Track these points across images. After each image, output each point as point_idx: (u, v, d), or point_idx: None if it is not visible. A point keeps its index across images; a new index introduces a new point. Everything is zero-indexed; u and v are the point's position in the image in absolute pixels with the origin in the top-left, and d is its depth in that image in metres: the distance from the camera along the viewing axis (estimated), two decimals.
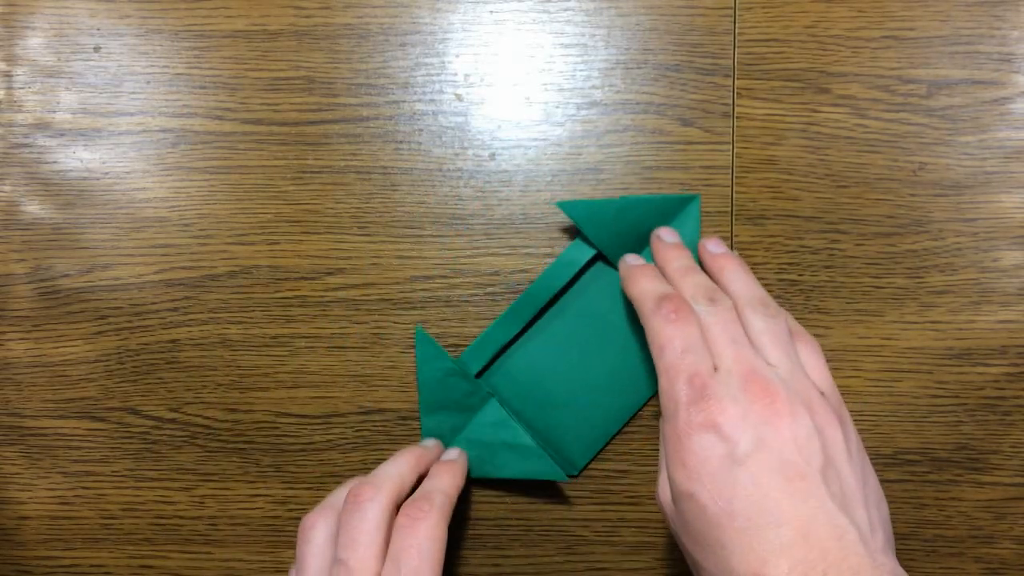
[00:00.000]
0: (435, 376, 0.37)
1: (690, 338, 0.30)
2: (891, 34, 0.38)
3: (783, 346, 0.31)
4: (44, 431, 0.39)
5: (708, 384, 0.29)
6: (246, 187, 0.39)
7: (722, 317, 0.31)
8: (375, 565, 0.30)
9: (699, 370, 0.29)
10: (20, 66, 0.39)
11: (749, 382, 0.29)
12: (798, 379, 0.30)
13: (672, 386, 0.30)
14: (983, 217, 0.38)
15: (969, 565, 0.38)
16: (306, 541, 0.32)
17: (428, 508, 0.32)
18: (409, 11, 0.39)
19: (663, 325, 0.31)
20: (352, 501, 0.32)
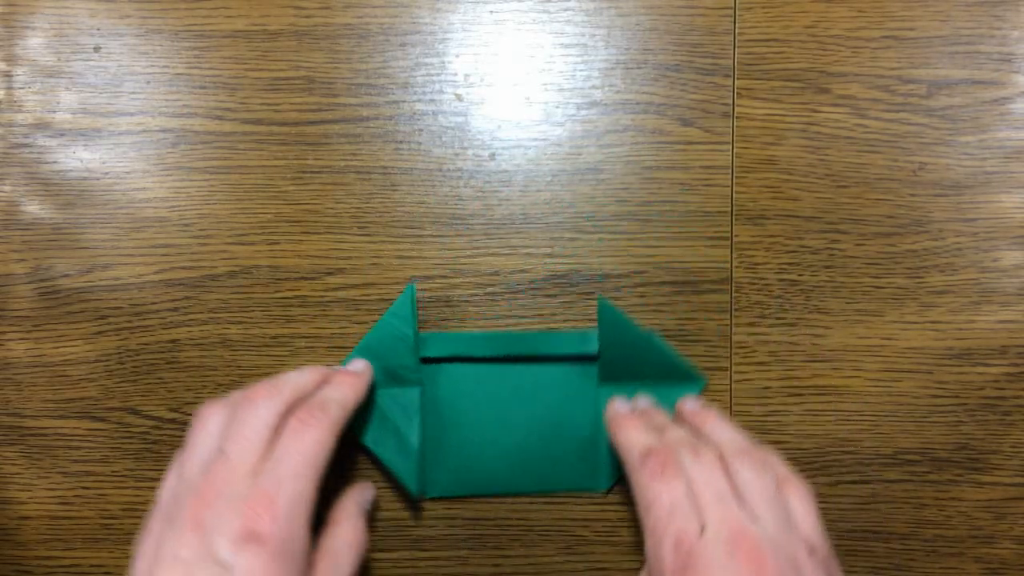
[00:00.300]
0: (390, 332, 0.37)
1: (676, 496, 0.30)
2: (891, 34, 0.38)
3: (770, 500, 0.30)
4: (44, 431, 0.39)
5: (694, 550, 0.28)
6: (246, 187, 0.39)
7: (706, 469, 0.31)
8: (253, 460, 0.30)
9: (685, 533, 0.29)
10: (20, 66, 0.39)
11: (736, 546, 0.28)
12: (785, 537, 0.29)
13: (658, 549, 0.29)
14: (983, 217, 0.38)
15: (969, 565, 0.38)
16: (197, 429, 0.32)
17: (320, 416, 0.32)
18: (409, 11, 0.39)
19: (649, 482, 0.31)
20: (247, 398, 0.32)
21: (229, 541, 0.28)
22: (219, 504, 0.29)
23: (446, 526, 0.39)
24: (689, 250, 0.38)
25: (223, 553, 0.28)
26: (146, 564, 0.29)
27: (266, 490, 0.29)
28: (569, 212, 0.38)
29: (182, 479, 0.31)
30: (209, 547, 0.28)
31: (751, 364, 0.38)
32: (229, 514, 0.28)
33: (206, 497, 0.29)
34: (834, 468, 0.38)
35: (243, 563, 0.28)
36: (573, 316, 0.38)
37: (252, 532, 0.28)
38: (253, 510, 0.28)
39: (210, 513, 0.29)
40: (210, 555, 0.28)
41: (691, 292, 0.38)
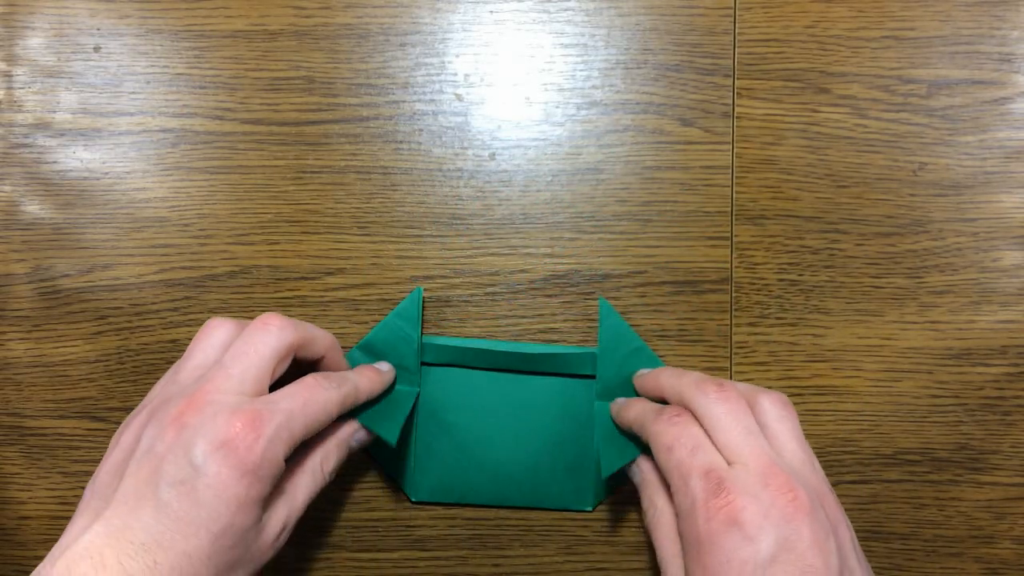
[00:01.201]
0: (394, 333, 0.37)
1: (698, 438, 0.30)
2: (891, 34, 0.38)
3: (798, 439, 0.30)
4: (44, 431, 0.39)
5: (725, 478, 0.28)
6: (246, 187, 0.39)
7: (733, 405, 0.30)
8: (253, 381, 0.30)
9: (714, 465, 0.29)
10: (20, 66, 0.39)
11: (769, 476, 0.28)
12: (812, 473, 0.30)
13: (686, 483, 0.29)
14: (983, 217, 0.38)
15: (969, 565, 0.38)
16: (202, 338, 0.32)
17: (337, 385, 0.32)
18: (409, 11, 0.39)
19: (667, 427, 0.31)
20: (262, 321, 0.32)
21: (206, 444, 0.28)
22: (207, 410, 0.29)
23: (446, 526, 0.39)
24: (689, 250, 0.38)
25: (197, 455, 0.28)
26: (120, 454, 0.29)
27: (259, 411, 0.29)
28: (569, 212, 0.38)
29: (175, 382, 0.31)
30: (186, 447, 0.28)
31: (751, 364, 0.38)
32: (214, 421, 0.28)
33: (196, 402, 0.29)
34: (834, 468, 0.38)
35: (213, 469, 0.28)
36: (573, 316, 0.38)
37: (230, 443, 0.28)
38: (240, 424, 0.28)
39: (196, 417, 0.29)
40: (184, 454, 0.28)
41: (691, 292, 0.38)
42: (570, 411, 0.38)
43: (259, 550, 0.30)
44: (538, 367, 0.38)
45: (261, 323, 0.31)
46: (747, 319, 0.38)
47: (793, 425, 0.31)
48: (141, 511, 0.27)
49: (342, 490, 0.39)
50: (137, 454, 0.29)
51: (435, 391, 0.38)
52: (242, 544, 0.29)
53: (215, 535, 0.28)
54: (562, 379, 0.38)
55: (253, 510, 0.29)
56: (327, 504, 0.39)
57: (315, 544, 0.39)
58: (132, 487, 0.28)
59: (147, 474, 0.28)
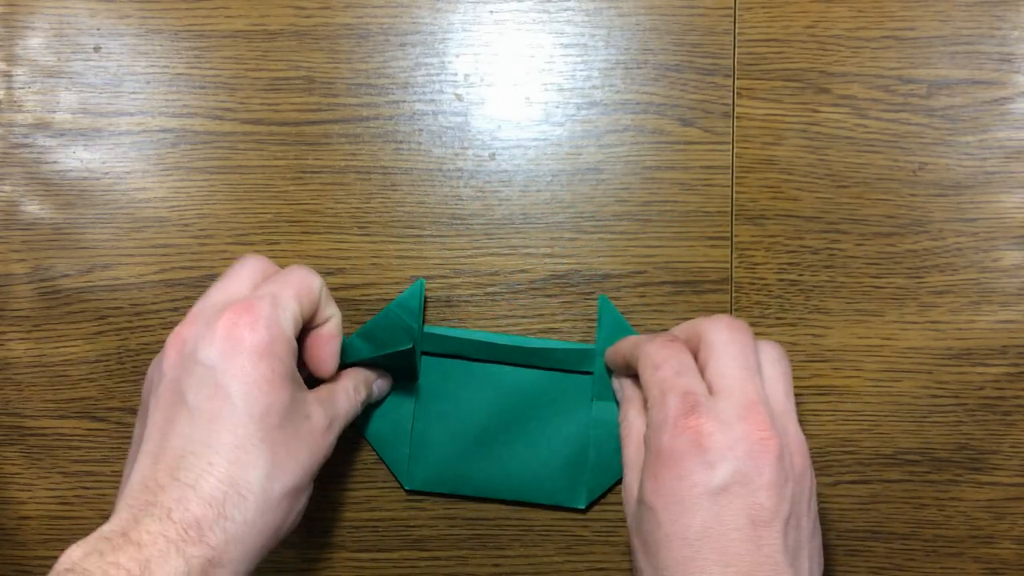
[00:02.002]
0: (394, 322, 0.37)
1: (686, 364, 0.30)
2: (891, 34, 0.38)
3: (787, 389, 0.31)
4: (44, 431, 0.39)
5: (701, 403, 0.29)
6: (246, 187, 0.39)
7: (740, 337, 0.31)
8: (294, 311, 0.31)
9: (694, 389, 0.29)
10: (20, 66, 0.39)
11: (749, 411, 0.28)
12: (792, 423, 0.30)
13: (664, 398, 0.29)
14: (983, 217, 0.38)
15: (969, 565, 0.38)
16: (242, 264, 0.32)
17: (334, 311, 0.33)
18: (409, 11, 0.39)
19: (659, 348, 0.31)
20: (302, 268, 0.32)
21: (209, 344, 0.28)
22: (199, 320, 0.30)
23: (446, 526, 0.39)
24: (689, 250, 0.38)
25: (207, 356, 0.28)
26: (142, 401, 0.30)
27: (247, 299, 0.30)
28: (569, 212, 0.38)
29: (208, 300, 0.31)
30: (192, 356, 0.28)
31: None
32: (208, 324, 0.29)
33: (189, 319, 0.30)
34: (834, 468, 0.38)
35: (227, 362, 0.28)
36: (573, 316, 0.38)
37: (232, 334, 0.29)
38: (232, 314, 0.29)
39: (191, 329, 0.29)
40: (194, 363, 0.28)
41: (691, 292, 0.38)
42: (567, 407, 0.38)
43: (312, 436, 0.30)
44: (536, 361, 0.38)
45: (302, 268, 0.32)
46: (747, 319, 0.38)
47: (785, 373, 0.31)
48: (177, 427, 0.28)
49: (342, 490, 0.39)
50: (151, 387, 0.29)
51: (434, 381, 0.38)
52: (290, 424, 0.29)
53: (258, 417, 0.28)
54: (560, 374, 0.38)
55: (285, 386, 0.29)
56: (327, 504, 0.39)
57: (315, 544, 0.39)
58: (160, 415, 0.28)
59: (169, 396, 0.28)
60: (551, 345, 0.37)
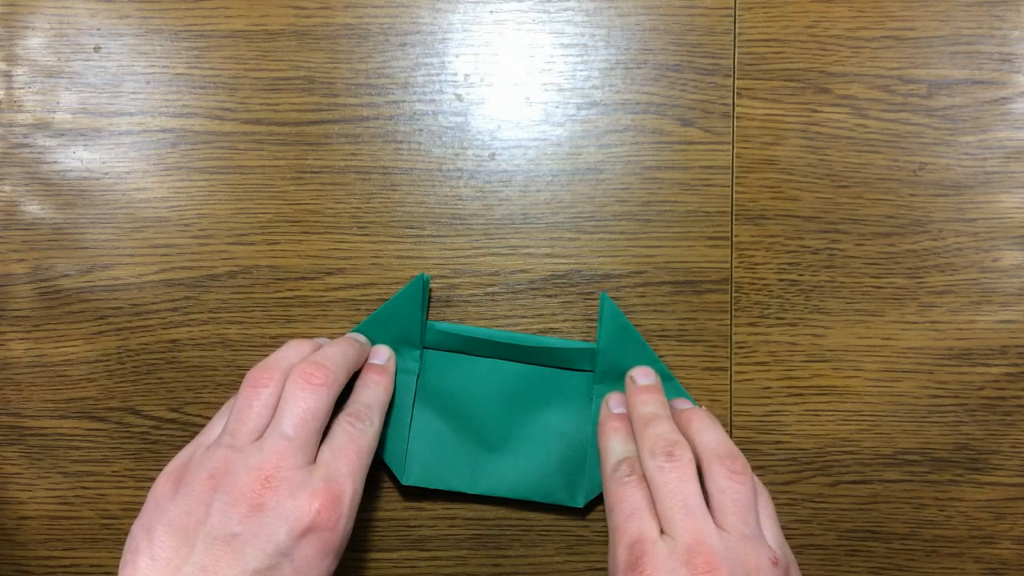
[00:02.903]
0: (396, 317, 0.37)
1: (636, 503, 0.31)
2: (891, 34, 0.38)
3: (742, 510, 0.30)
4: (44, 431, 0.39)
5: (647, 552, 0.29)
6: (246, 187, 0.39)
7: (677, 475, 0.31)
8: (311, 445, 0.31)
9: (641, 536, 0.29)
10: (20, 66, 0.39)
11: (694, 554, 0.28)
12: (752, 548, 0.29)
13: (615, 548, 0.30)
14: (983, 217, 0.38)
15: (969, 565, 0.38)
16: (253, 396, 0.32)
17: (367, 426, 0.33)
18: (409, 11, 0.39)
19: (615, 487, 0.32)
20: (306, 379, 0.32)
21: (291, 530, 0.29)
22: (282, 489, 0.29)
23: (446, 526, 0.39)
24: (689, 250, 0.38)
25: (283, 541, 0.29)
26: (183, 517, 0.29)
27: (333, 490, 0.30)
28: (569, 212, 0.38)
29: (234, 447, 0.31)
30: (270, 532, 0.29)
31: (751, 364, 0.38)
32: (294, 502, 0.29)
33: (270, 480, 0.29)
34: (834, 468, 0.38)
35: (299, 554, 0.29)
36: (573, 316, 0.38)
37: (315, 527, 0.29)
38: (319, 505, 0.29)
39: (273, 498, 0.29)
40: (270, 540, 0.29)
41: (691, 292, 0.38)
42: (567, 405, 0.38)
43: None
44: (537, 359, 0.38)
45: (306, 381, 0.32)
46: (747, 319, 0.38)
47: (737, 496, 0.31)
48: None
49: None
50: (209, 527, 0.29)
51: (435, 376, 0.38)
52: None
53: None
54: (560, 372, 0.38)
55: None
56: None
57: None
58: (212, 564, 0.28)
59: (228, 555, 0.28)
60: (551, 343, 0.37)
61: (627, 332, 0.37)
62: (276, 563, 0.28)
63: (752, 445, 0.38)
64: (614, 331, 0.37)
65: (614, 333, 0.37)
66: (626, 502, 0.31)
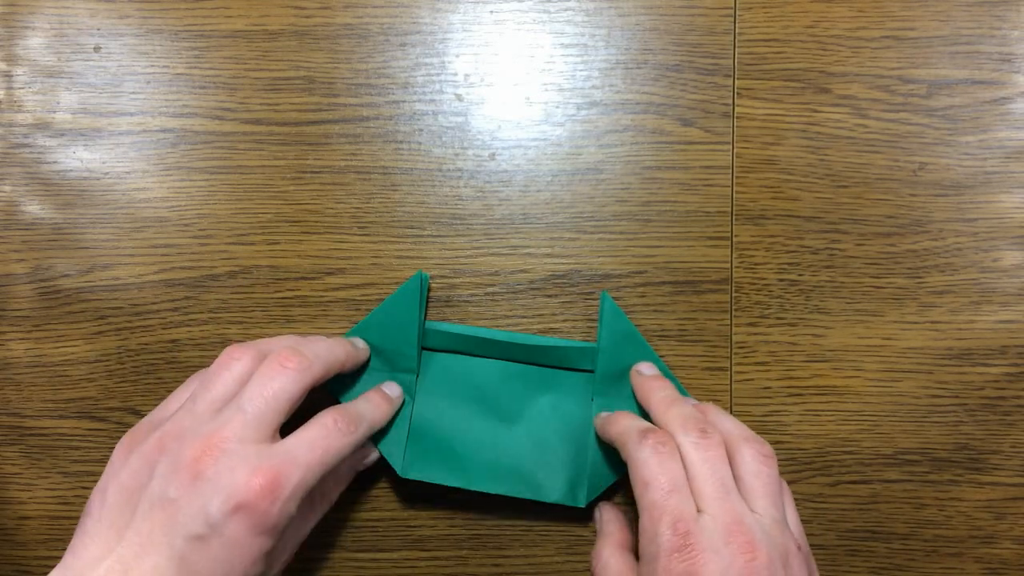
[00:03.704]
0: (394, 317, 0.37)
1: (676, 477, 0.30)
2: (891, 34, 0.38)
3: (772, 495, 0.31)
4: (44, 431, 0.39)
5: (691, 531, 0.28)
6: (246, 187, 0.39)
7: (712, 454, 0.31)
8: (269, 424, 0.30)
9: (683, 514, 0.29)
10: (20, 66, 0.39)
11: (733, 533, 0.28)
12: (781, 532, 0.30)
13: (655, 527, 0.29)
14: (983, 217, 0.38)
15: (969, 565, 0.38)
16: (224, 367, 0.32)
17: (353, 431, 0.32)
18: (409, 11, 0.39)
19: (649, 458, 0.30)
20: (280, 361, 0.31)
21: (223, 503, 0.28)
22: (223, 460, 0.29)
23: (446, 526, 0.39)
24: (689, 250, 0.38)
25: (214, 513, 0.28)
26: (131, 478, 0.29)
27: (278, 470, 0.29)
28: (569, 212, 0.38)
29: (192, 412, 0.31)
30: (203, 501, 0.28)
31: (751, 364, 0.38)
32: (232, 475, 0.29)
33: (212, 448, 0.29)
34: (834, 468, 0.38)
35: (230, 529, 0.28)
36: (573, 316, 0.38)
37: (249, 505, 0.28)
38: (258, 483, 0.29)
39: (213, 467, 0.29)
40: (201, 509, 0.28)
41: (691, 292, 0.38)
42: (567, 405, 0.38)
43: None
44: (538, 359, 0.38)
45: (279, 363, 0.31)
46: (747, 319, 0.38)
47: (768, 480, 0.31)
48: (155, 555, 0.28)
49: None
50: (151, 491, 0.29)
51: (434, 376, 0.38)
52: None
53: None
54: (561, 372, 0.38)
55: (264, 560, 0.30)
56: None
57: (315, 544, 0.39)
58: (147, 529, 0.28)
59: (162, 520, 0.28)
60: (551, 343, 0.37)
61: (628, 332, 0.37)
62: (205, 534, 0.28)
63: None
64: (615, 331, 0.37)
65: (615, 333, 0.37)
66: (665, 476, 0.30)
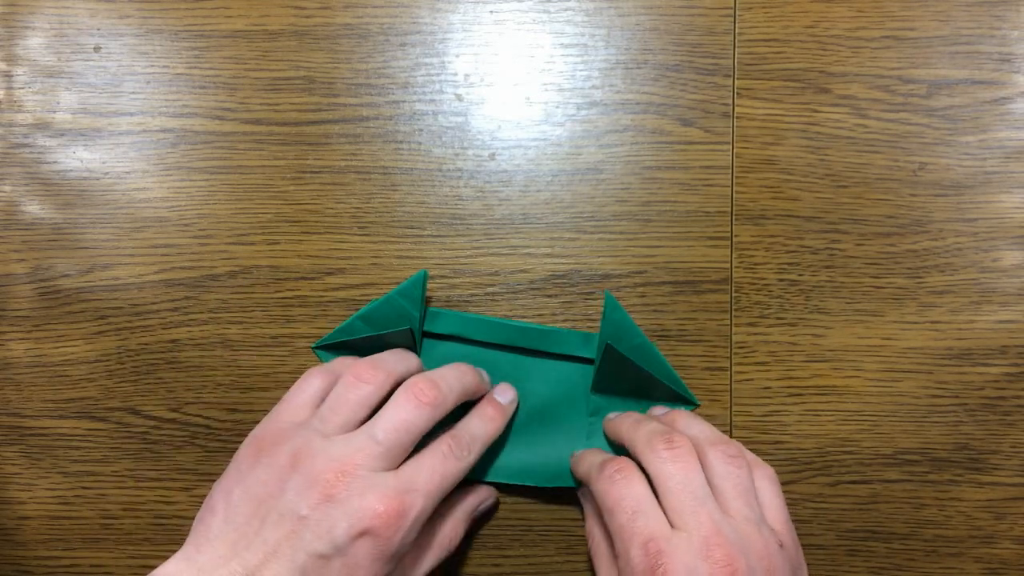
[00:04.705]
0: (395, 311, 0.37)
1: (640, 498, 0.30)
2: (891, 34, 0.38)
3: (744, 494, 0.30)
4: (44, 431, 0.39)
5: (663, 550, 0.28)
6: (246, 187, 0.39)
7: (682, 464, 0.30)
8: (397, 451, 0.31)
9: (653, 534, 0.29)
10: (20, 66, 0.39)
11: (711, 547, 0.28)
12: (759, 535, 0.29)
13: (627, 552, 0.29)
14: (983, 217, 0.38)
15: (969, 565, 0.38)
16: (353, 388, 0.32)
17: (467, 456, 0.33)
18: (409, 11, 0.39)
19: (608, 487, 0.31)
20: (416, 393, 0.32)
21: (350, 527, 0.29)
22: (355, 485, 0.29)
23: None
24: (689, 250, 0.38)
25: (340, 536, 0.29)
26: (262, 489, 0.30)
27: (403, 499, 0.30)
28: (569, 212, 0.38)
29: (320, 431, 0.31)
30: (331, 522, 0.29)
31: (751, 364, 0.38)
32: (361, 500, 0.29)
33: (346, 473, 0.29)
34: (834, 468, 0.38)
35: (352, 552, 0.29)
36: (573, 316, 0.38)
37: (374, 531, 0.29)
38: (384, 510, 0.29)
39: (344, 491, 0.29)
40: (328, 530, 0.29)
41: (691, 292, 0.38)
42: (566, 397, 0.38)
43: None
44: (538, 344, 0.37)
45: (416, 396, 0.32)
46: (747, 319, 0.38)
47: (739, 481, 0.31)
48: (278, 566, 0.28)
49: None
50: (282, 504, 0.29)
51: (434, 363, 0.38)
52: None
53: None
54: (560, 363, 0.38)
55: None
56: None
57: None
58: (274, 540, 0.29)
59: (289, 534, 0.29)
60: (553, 328, 0.37)
61: (630, 331, 0.37)
62: (330, 554, 0.28)
63: (752, 445, 0.38)
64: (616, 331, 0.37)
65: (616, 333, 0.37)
66: (626, 500, 0.30)
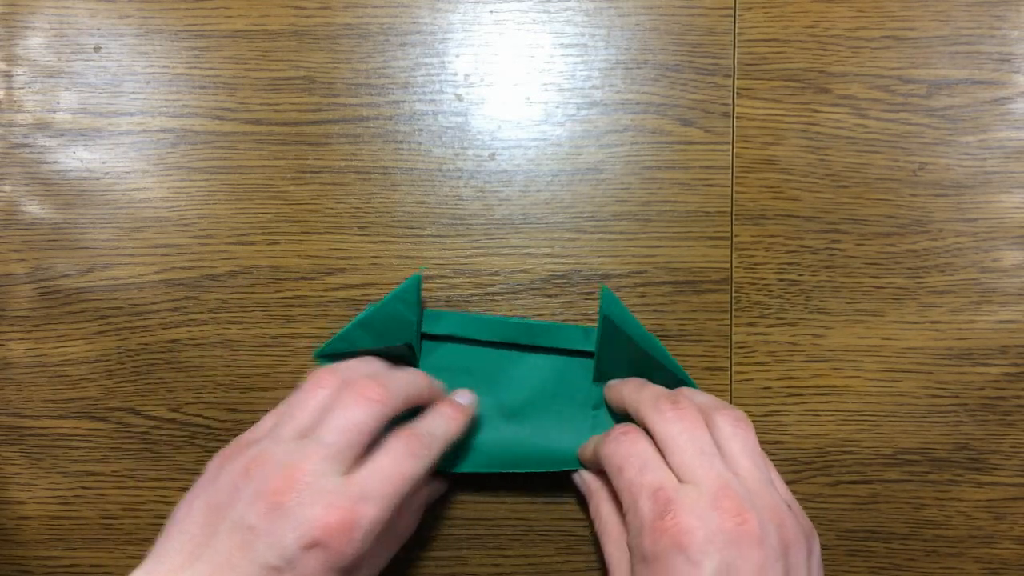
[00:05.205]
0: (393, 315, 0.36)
1: (646, 455, 0.30)
2: (891, 34, 0.38)
3: (753, 456, 0.30)
4: (44, 431, 0.39)
5: (673, 499, 0.28)
6: (246, 187, 0.39)
7: (689, 423, 0.30)
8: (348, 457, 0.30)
9: (663, 484, 0.29)
10: (20, 66, 0.39)
11: (720, 498, 0.28)
12: (768, 493, 0.29)
13: (636, 503, 0.29)
14: (983, 217, 0.38)
15: (969, 565, 0.38)
16: (310, 394, 0.32)
17: (425, 454, 0.32)
18: (409, 11, 0.39)
19: (615, 447, 0.31)
20: (360, 391, 0.31)
21: (299, 538, 0.28)
22: (304, 494, 0.29)
23: (446, 526, 0.39)
24: (689, 250, 0.38)
25: (290, 547, 0.28)
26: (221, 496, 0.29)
27: (354, 508, 0.29)
28: (569, 212, 0.38)
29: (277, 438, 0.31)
30: (279, 533, 0.28)
31: (751, 364, 0.38)
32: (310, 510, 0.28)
33: (293, 481, 0.29)
34: (834, 468, 0.38)
35: (303, 564, 0.28)
36: (573, 316, 0.38)
37: (324, 543, 0.28)
38: (334, 521, 0.28)
39: (292, 498, 0.29)
40: (278, 541, 0.28)
41: (691, 292, 0.38)
42: (568, 392, 0.38)
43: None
44: (538, 340, 0.37)
45: (360, 394, 0.31)
46: (747, 319, 0.38)
47: (746, 442, 0.31)
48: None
49: None
50: (233, 514, 0.29)
51: (434, 362, 0.38)
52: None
53: None
54: (561, 360, 0.38)
55: None
56: None
57: None
58: (226, 551, 0.28)
59: (240, 545, 0.28)
60: (552, 323, 0.37)
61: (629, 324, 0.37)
62: (280, 566, 0.28)
63: None
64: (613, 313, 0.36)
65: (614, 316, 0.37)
66: (634, 457, 0.30)
